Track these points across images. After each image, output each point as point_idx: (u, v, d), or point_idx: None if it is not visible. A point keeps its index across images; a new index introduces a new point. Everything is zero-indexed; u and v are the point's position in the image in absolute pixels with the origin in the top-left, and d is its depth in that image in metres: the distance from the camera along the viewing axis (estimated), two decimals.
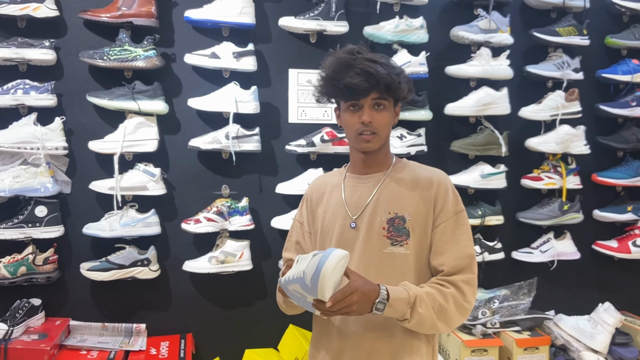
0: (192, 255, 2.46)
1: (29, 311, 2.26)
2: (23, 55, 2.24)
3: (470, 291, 1.43)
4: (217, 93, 2.43)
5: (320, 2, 2.51)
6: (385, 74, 1.40)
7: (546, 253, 2.76)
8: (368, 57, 1.43)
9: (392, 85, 1.42)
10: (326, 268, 1.23)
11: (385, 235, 1.47)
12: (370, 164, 1.54)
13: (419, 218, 1.47)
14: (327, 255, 1.25)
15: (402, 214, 1.47)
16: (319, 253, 1.28)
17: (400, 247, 1.46)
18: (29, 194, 2.25)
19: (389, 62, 1.46)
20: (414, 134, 2.62)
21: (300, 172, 2.55)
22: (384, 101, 1.44)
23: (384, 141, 1.49)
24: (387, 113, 1.47)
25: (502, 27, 2.66)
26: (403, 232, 1.46)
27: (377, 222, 1.48)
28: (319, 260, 1.25)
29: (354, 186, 1.55)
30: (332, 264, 1.24)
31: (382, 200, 1.49)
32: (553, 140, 2.71)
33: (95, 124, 2.40)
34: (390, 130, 1.52)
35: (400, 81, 1.45)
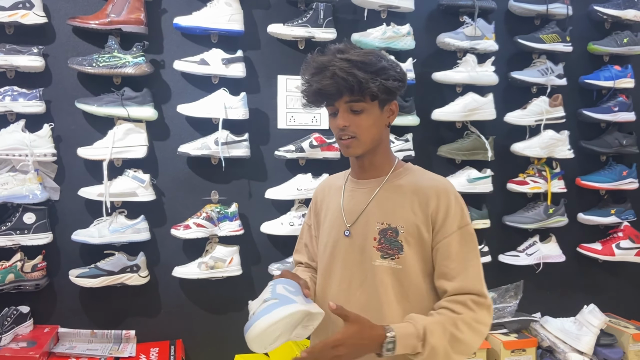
0: (182, 261, 2.46)
1: (17, 319, 2.25)
2: (11, 62, 2.23)
3: (483, 311, 1.29)
4: (206, 99, 2.44)
5: (309, 9, 2.54)
6: (356, 75, 1.27)
7: (532, 256, 2.80)
8: (345, 57, 1.30)
9: (363, 86, 1.28)
10: (249, 334, 1.22)
11: (376, 246, 1.36)
12: (366, 168, 1.43)
13: (413, 231, 1.34)
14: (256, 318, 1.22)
15: (395, 226, 1.35)
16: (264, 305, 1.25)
17: (392, 260, 1.35)
18: (17, 201, 2.24)
19: (368, 60, 1.30)
20: (401, 139, 2.65)
21: (289, 178, 2.56)
22: (360, 103, 1.32)
23: (368, 145, 1.36)
24: (367, 115, 1.33)
25: (487, 34, 2.70)
26: (395, 245, 1.35)
27: (369, 232, 1.38)
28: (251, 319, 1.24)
29: (352, 191, 1.46)
30: (256, 332, 1.20)
31: (377, 209, 1.39)
32: (538, 145, 2.75)
33: (84, 130, 2.39)
34: (374, 133, 1.36)
35: (378, 79, 1.29)
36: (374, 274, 1.37)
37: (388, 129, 1.43)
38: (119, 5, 2.32)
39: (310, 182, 2.52)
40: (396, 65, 1.37)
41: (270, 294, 1.30)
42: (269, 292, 1.31)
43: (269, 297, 1.28)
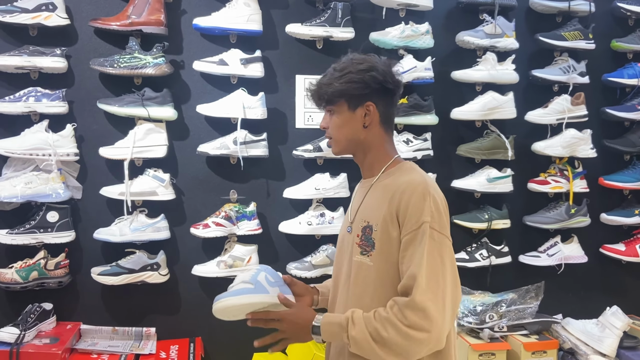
0: (201, 259, 2.49)
1: (41, 315, 2.29)
2: (35, 63, 2.28)
3: (415, 316, 1.23)
4: (225, 99, 2.46)
5: (327, 8, 2.54)
6: (319, 83, 1.46)
7: (553, 257, 2.76)
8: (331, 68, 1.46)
9: (322, 95, 1.45)
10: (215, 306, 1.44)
11: (358, 242, 1.42)
12: (364, 168, 1.51)
13: (382, 229, 1.36)
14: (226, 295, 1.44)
15: (371, 224, 1.39)
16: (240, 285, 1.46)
17: (367, 257, 1.39)
18: (41, 200, 2.29)
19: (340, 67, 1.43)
20: (420, 138, 2.64)
21: (307, 177, 2.57)
22: (330, 106, 1.46)
23: (343, 144, 1.46)
24: (337, 116, 1.45)
25: (508, 31, 2.67)
26: (370, 242, 1.39)
27: (357, 229, 1.44)
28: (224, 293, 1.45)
29: (358, 190, 1.56)
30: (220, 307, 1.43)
31: (365, 207, 1.45)
32: (559, 144, 2.71)
33: (105, 130, 2.43)
34: (348, 132, 1.43)
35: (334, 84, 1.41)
36: (354, 269, 1.43)
37: (376, 129, 1.45)
38: (139, 6, 2.35)
39: (328, 182, 2.53)
40: (366, 69, 1.40)
41: (250, 278, 1.46)
42: (250, 276, 1.47)
43: (247, 281, 1.45)
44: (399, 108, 2.59)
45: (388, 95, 1.45)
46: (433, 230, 1.30)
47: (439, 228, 1.31)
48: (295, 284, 1.58)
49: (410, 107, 2.60)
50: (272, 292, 1.43)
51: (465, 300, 2.62)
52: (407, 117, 2.61)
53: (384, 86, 1.42)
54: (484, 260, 2.70)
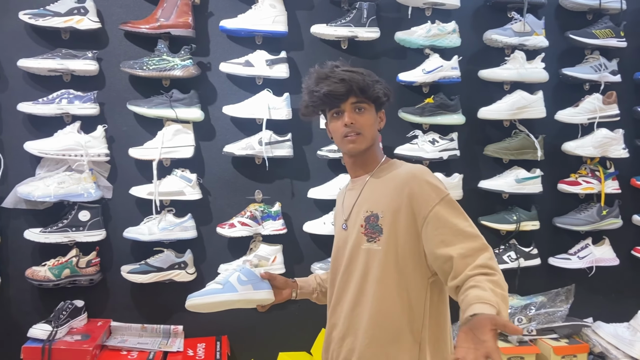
0: (227, 258, 2.51)
1: (72, 312, 2.34)
2: (67, 66, 2.33)
3: (495, 261, 1.35)
4: (251, 100, 2.48)
5: (352, 8, 2.54)
6: (360, 79, 1.49)
7: (584, 259, 2.71)
8: (345, 68, 1.53)
9: (366, 88, 1.50)
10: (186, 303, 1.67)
11: (363, 232, 1.50)
12: (358, 167, 1.59)
13: (390, 214, 1.46)
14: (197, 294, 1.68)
15: (376, 212, 1.49)
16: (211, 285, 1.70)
17: (374, 243, 1.48)
18: (73, 199, 2.34)
19: (365, 72, 1.53)
20: (446, 138, 2.61)
21: (331, 177, 2.57)
22: (363, 104, 1.51)
23: (369, 142, 1.53)
24: (369, 115, 1.53)
25: (537, 29, 2.63)
26: (376, 229, 1.48)
27: (358, 221, 1.53)
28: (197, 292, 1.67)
29: (349, 190, 1.63)
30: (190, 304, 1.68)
31: (364, 200, 1.54)
32: (591, 144, 2.66)
33: (135, 131, 2.48)
34: (374, 132, 1.55)
35: (375, 86, 1.51)
36: (364, 256, 1.50)
37: (378, 134, 1.59)
38: (167, 9, 2.39)
39: None
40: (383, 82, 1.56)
41: (222, 279, 1.67)
42: (222, 277, 1.68)
43: (219, 281, 1.67)
44: (424, 108, 2.58)
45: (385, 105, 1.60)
46: (450, 198, 1.41)
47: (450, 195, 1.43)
48: (275, 278, 1.71)
49: (436, 106, 2.58)
50: (242, 290, 1.63)
51: None
52: (433, 117, 2.59)
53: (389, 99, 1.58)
54: (512, 262, 2.66)
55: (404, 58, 2.65)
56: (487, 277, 1.29)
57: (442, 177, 2.58)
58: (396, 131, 2.60)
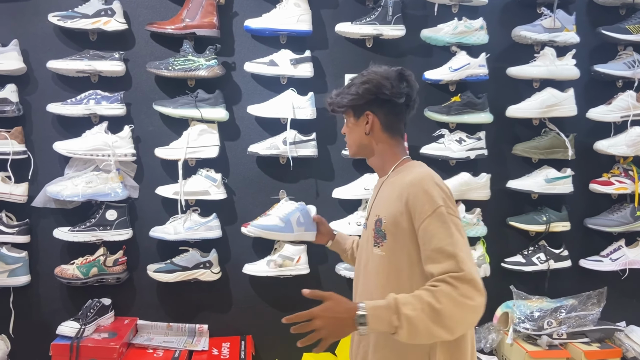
0: (252, 258, 2.51)
1: (100, 310, 2.37)
2: (95, 67, 2.36)
3: (465, 286, 1.26)
4: (275, 100, 2.48)
5: (377, 6, 2.51)
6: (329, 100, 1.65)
7: (617, 261, 2.63)
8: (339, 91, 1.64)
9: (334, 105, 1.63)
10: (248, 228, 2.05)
11: (373, 235, 1.53)
12: (376, 169, 1.65)
13: (391, 220, 1.47)
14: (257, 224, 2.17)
15: (381, 217, 1.51)
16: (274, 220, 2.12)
17: (379, 248, 1.50)
18: (100, 199, 2.37)
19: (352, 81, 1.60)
20: (473, 137, 2.57)
21: (356, 177, 2.55)
22: (345, 117, 1.64)
23: (354, 148, 1.63)
24: (349, 125, 1.62)
25: (568, 25, 2.57)
26: (380, 234, 1.50)
27: (371, 223, 1.56)
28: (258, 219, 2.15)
29: (374, 189, 1.70)
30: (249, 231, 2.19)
31: (377, 202, 1.58)
32: (624, 142, 2.59)
33: (161, 131, 2.50)
34: (356, 137, 1.60)
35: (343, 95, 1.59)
36: (371, 261, 1.54)
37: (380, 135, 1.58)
38: (193, 10, 2.40)
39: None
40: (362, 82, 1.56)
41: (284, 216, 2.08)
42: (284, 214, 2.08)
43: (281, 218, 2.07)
44: (451, 106, 2.53)
45: (388, 105, 1.55)
46: (450, 212, 1.38)
47: (453, 211, 1.40)
48: (324, 224, 1.97)
49: (463, 105, 2.53)
50: (297, 231, 1.98)
51: (521, 305, 2.53)
52: (460, 116, 2.55)
53: (378, 97, 1.54)
54: (541, 264, 2.60)
55: (430, 56, 2.61)
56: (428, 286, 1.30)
57: (469, 177, 2.54)
58: (422, 130, 2.57)
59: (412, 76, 1.59)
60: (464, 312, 1.27)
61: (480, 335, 2.53)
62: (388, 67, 1.59)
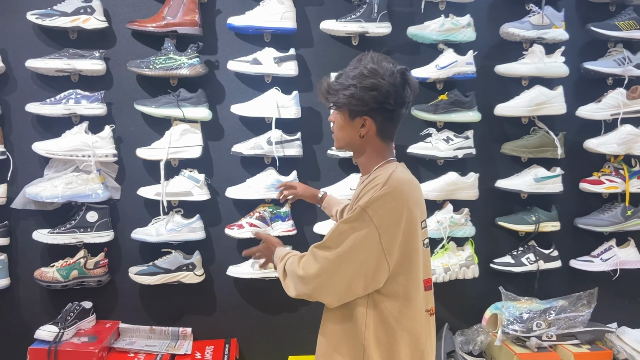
0: (236, 260, 2.47)
1: (80, 314, 2.34)
2: (74, 66, 2.32)
3: (306, 260, 1.46)
4: (259, 99, 2.44)
5: (362, 3, 2.47)
6: (323, 87, 1.55)
7: (608, 262, 2.60)
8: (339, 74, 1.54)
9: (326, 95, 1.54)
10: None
11: None
12: (361, 168, 1.60)
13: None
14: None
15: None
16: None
17: None
18: (81, 200, 2.33)
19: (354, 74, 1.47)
20: (461, 136, 2.53)
21: (342, 177, 2.52)
22: (335, 109, 1.55)
23: (341, 143, 1.57)
24: (339, 119, 1.54)
25: (557, 22, 2.53)
26: None
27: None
28: None
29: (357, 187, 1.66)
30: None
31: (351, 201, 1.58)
32: (614, 140, 2.55)
33: (142, 131, 2.46)
34: (345, 135, 1.54)
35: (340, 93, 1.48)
36: None
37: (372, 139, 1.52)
38: (174, 7, 2.35)
39: None
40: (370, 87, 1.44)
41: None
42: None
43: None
44: (438, 105, 2.50)
45: (388, 113, 1.49)
46: (365, 212, 1.39)
47: (371, 215, 1.38)
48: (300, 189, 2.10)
49: (450, 103, 2.50)
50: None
51: (510, 306, 2.50)
52: (447, 114, 2.51)
53: (383, 106, 1.47)
54: (531, 264, 2.56)
55: (417, 54, 2.57)
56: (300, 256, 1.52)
57: (457, 177, 2.50)
58: (409, 129, 2.53)
59: (413, 78, 1.52)
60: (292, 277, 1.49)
61: (469, 337, 2.49)
62: (387, 62, 1.48)
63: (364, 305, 1.46)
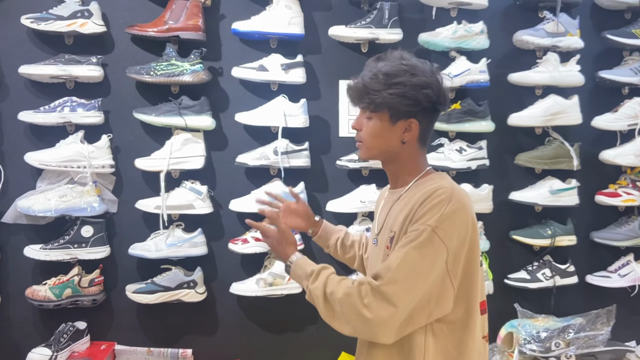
0: (240, 276, 2.37)
1: (74, 335, 2.22)
2: (70, 72, 2.21)
3: (374, 300, 1.21)
4: (265, 107, 2.35)
5: (373, 9, 2.40)
6: (357, 88, 1.37)
7: (626, 277, 2.52)
8: (375, 65, 1.37)
9: (363, 98, 1.36)
10: None
11: (388, 254, 1.34)
12: (392, 178, 1.46)
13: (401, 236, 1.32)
14: None
15: (395, 231, 1.35)
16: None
17: None
18: (75, 214, 2.22)
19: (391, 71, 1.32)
20: (474, 146, 2.45)
21: (352, 189, 2.43)
22: (369, 112, 1.38)
23: (374, 152, 1.41)
24: (373, 124, 1.37)
25: (571, 29, 2.46)
26: None
27: (384, 240, 1.40)
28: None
29: (386, 201, 1.50)
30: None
31: (392, 217, 1.39)
32: (631, 152, 2.47)
33: (142, 141, 2.36)
34: (382, 143, 1.38)
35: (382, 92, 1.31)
36: None
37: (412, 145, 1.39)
38: (176, 11, 2.26)
39: (374, 194, 2.36)
40: (422, 85, 1.32)
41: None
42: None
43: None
44: (450, 114, 2.42)
45: (434, 114, 1.39)
46: (435, 234, 1.24)
47: (442, 236, 1.24)
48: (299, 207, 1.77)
49: (463, 112, 2.42)
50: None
51: (527, 324, 2.39)
52: (460, 124, 2.43)
53: (435, 106, 1.35)
54: (547, 280, 2.47)
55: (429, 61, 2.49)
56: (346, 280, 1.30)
57: (470, 188, 2.41)
58: None
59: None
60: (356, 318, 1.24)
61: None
62: (418, 59, 1.38)
63: (422, 334, 1.28)
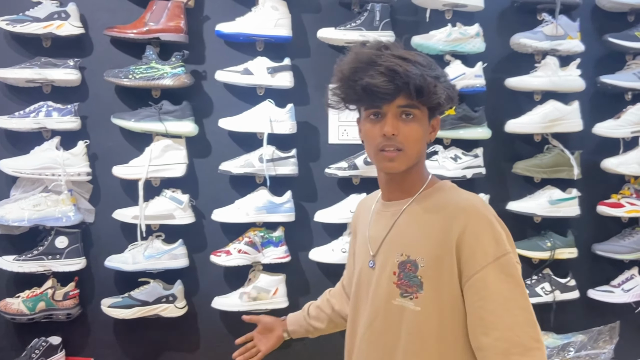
0: (223, 290, 2.29)
1: (47, 351, 2.13)
2: (46, 76, 2.14)
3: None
4: (250, 112, 2.27)
5: (363, 11, 2.32)
6: (417, 75, 1.09)
7: (630, 292, 2.42)
8: (398, 53, 1.12)
9: (424, 89, 1.10)
10: None
11: (396, 282, 1.17)
12: (394, 188, 1.24)
13: (434, 265, 1.13)
14: None
15: (414, 258, 1.15)
16: None
17: (410, 300, 1.15)
18: (50, 224, 2.14)
19: (424, 62, 1.13)
20: (470, 154, 2.36)
21: (341, 198, 2.35)
22: (413, 109, 1.13)
23: (413, 161, 1.17)
24: (418, 125, 1.15)
25: (571, 32, 2.38)
26: (414, 281, 1.15)
27: (389, 265, 1.20)
28: None
29: (379, 214, 1.29)
30: None
31: (399, 235, 1.21)
32: (635, 160, 2.40)
33: (121, 147, 2.28)
34: (421, 147, 1.19)
35: (437, 85, 1.12)
36: (396, 315, 1.18)
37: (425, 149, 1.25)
38: (157, 12, 2.19)
39: None
40: (446, 74, 1.21)
41: None
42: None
43: None
44: (445, 120, 2.33)
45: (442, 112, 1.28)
46: (517, 264, 1.11)
47: (519, 262, 1.13)
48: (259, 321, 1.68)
49: (458, 119, 2.33)
50: None
51: None
52: (455, 131, 2.34)
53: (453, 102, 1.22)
54: (546, 295, 2.37)
55: None
56: None
57: None
58: None
59: None
60: None
61: None
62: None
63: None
